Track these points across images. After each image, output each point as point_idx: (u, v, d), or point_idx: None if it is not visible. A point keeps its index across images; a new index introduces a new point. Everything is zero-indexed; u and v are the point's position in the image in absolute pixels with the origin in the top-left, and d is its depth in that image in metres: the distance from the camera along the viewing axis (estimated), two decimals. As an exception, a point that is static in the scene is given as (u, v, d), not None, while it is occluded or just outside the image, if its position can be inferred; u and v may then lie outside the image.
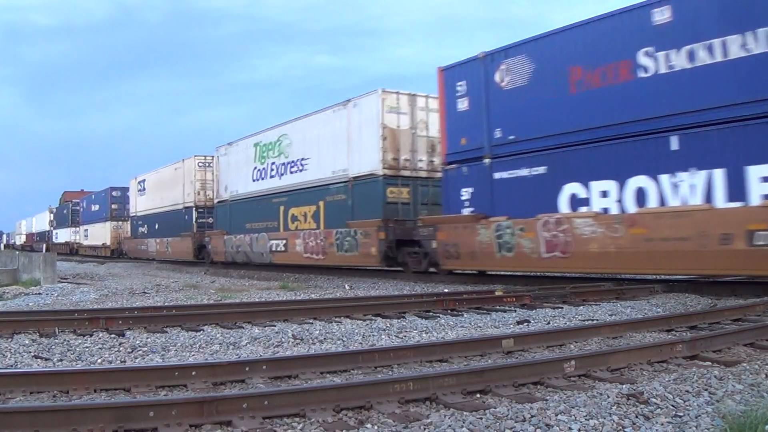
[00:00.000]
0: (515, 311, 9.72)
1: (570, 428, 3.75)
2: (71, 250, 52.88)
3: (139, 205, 36.02)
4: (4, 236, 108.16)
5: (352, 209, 17.99)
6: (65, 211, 56.35)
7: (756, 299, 9.64)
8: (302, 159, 20.50)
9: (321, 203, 19.45)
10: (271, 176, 22.30)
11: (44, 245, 62.10)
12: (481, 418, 3.92)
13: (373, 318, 9.09)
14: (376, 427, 3.95)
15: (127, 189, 40.55)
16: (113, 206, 41.55)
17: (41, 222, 69.73)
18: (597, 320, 8.60)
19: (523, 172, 13.57)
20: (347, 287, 15.50)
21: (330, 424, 4.03)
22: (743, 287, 11.20)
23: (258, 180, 23.16)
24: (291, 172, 21.07)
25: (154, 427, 3.89)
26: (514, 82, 13.88)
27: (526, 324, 8.49)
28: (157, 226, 32.93)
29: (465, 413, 4.07)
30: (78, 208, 52.32)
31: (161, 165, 35.04)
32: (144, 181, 35.76)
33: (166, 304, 11.00)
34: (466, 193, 14.81)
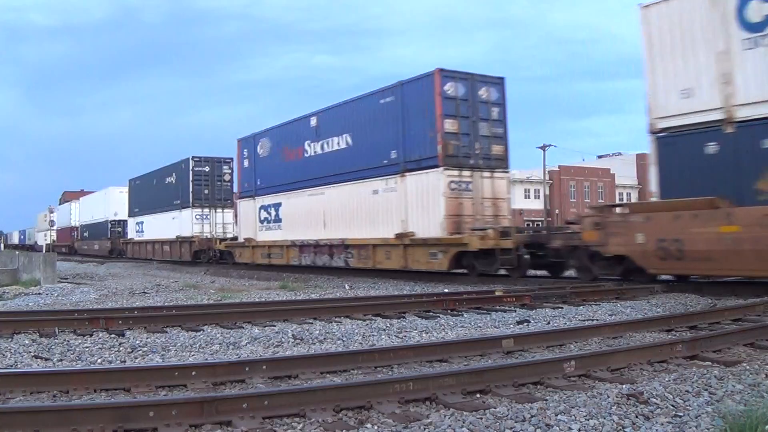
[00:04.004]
0: (515, 311, 9.71)
1: (570, 428, 3.75)
2: (200, 254, 26.90)
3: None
4: (17, 236, 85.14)
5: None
6: (169, 179, 29.74)
7: (756, 299, 9.64)
8: None
9: None
10: None
11: (100, 246, 40.20)
12: (481, 418, 3.92)
13: (373, 318, 9.09)
14: (376, 427, 3.95)
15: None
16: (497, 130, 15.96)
17: (99, 206, 41.39)
18: (597, 320, 8.60)
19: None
20: (347, 287, 15.49)
21: (330, 424, 4.03)
22: (743, 287, 11.20)
23: None
24: None
25: (154, 427, 3.89)
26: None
27: (526, 324, 8.49)
28: None
29: (465, 413, 4.07)
30: (205, 167, 27.61)
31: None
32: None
33: (166, 304, 11.01)
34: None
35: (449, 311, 9.67)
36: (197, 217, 28.03)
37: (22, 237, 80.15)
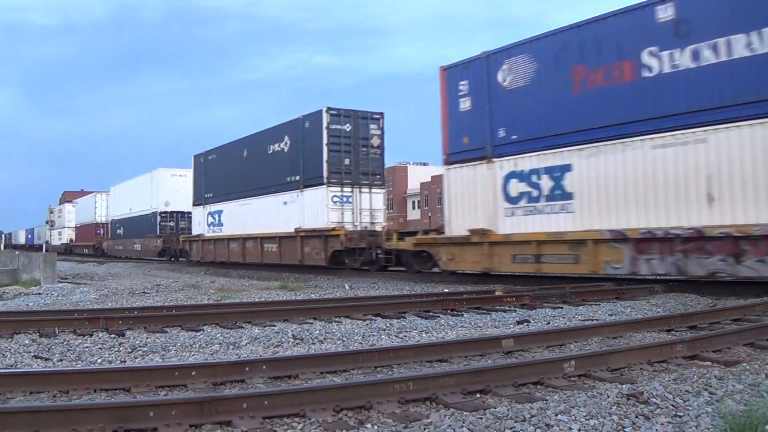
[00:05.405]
0: (515, 311, 9.71)
1: (570, 428, 3.75)
2: (343, 256, 18.19)
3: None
4: (23, 235, 76.04)
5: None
6: (276, 146, 20.63)
7: (756, 299, 9.64)
8: None
9: None
10: None
11: (144, 245, 31.23)
12: (481, 418, 3.92)
13: (373, 318, 9.09)
14: (376, 427, 3.95)
15: None
16: None
17: (141, 195, 32.29)
18: (597, 320, 8.60)
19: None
20: (347, 287, 15.49)
21: (330, 424, 4.03)
22: (743, 287, 11.19)
23: None
24: None
25: (154, 427, 3.88)
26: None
27: (526, 324, 8.49)
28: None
29: (465, 413, 4.07)
30: (345, 125, 18.31)
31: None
32: None
33: (166, 304, 11.01)
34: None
35: (449, 311, 9.67)
36: (334, 199, 18.27)
37: (29, 236, 70.18)
